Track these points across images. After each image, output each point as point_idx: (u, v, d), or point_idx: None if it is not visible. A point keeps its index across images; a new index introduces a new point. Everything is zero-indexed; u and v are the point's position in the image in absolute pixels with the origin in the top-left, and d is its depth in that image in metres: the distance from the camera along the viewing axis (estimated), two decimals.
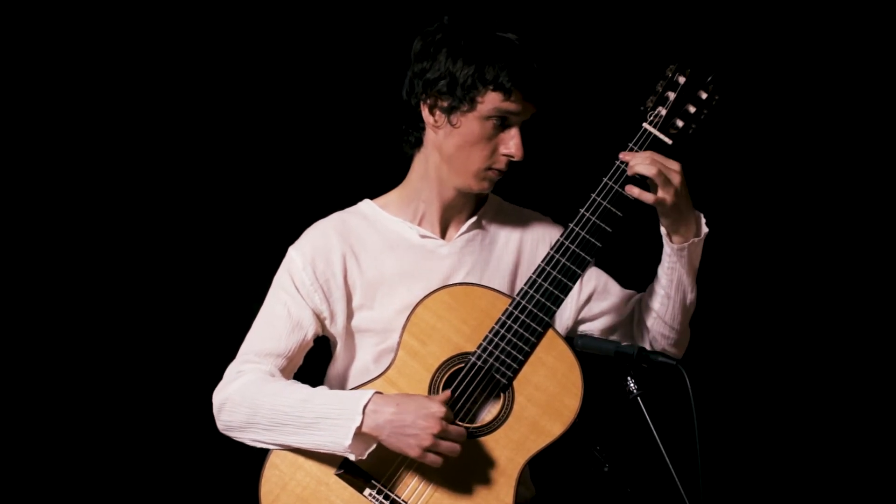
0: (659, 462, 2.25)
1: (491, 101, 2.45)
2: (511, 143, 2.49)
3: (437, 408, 2.34)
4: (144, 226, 3.55)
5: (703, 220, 2.51)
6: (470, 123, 2.48)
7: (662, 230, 2.50)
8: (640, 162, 2.41)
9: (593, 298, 2.67)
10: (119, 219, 3.54)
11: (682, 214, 2.46)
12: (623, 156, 2.45)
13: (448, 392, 2.42)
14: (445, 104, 2.48)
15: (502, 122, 2.48)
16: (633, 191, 2.42)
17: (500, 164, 2.51)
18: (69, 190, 3.51)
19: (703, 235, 2.50)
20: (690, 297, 2.56)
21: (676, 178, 2.42)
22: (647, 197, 2.43)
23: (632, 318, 2.66)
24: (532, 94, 2.47)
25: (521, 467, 2.42)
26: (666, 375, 2.41)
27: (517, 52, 2.47)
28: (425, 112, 2.52)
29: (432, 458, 2.35)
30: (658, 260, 2.56)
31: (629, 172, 2.43)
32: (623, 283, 2.72)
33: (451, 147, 2.51)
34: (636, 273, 2.71)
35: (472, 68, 2.45)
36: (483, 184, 2.54)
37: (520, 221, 2.69)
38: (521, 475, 2.43)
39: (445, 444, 2.35)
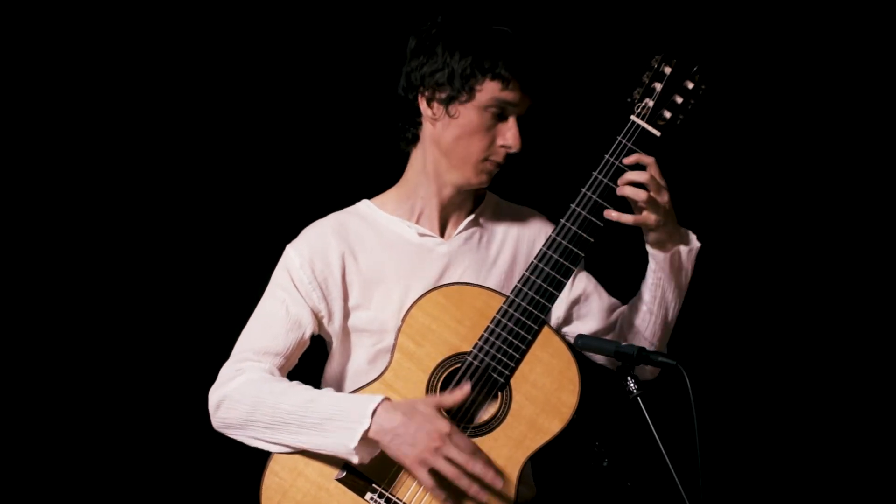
0: (659, 462, 2.27)
1: (489, 90, 2.46)
2: (508, 135, 2.50)
3: (442, 424, 2.32)
4: (142, 225, 3.52)
5: (694, 236, 2.53)
6: (468, 113, 2.48)
7: (648, 246, 2.52)
8: (636, 176, 2.41)
9: (581, 301, 2.69)
10: (116, 219, 3.50)
11: (668, 233, 2.48)
12: (628, 160, 2.44)
13: (466, 389, 2.37)
14: (444, 95, 2.48)
15: (500, 113, 2.49)
16: (611, 214, 2.43)
17: (498, 155, 2.52)
18: (64, 192, 3.47)
19: (691, 246, 2.52)
20: (672, 314, 2.58)
21: (664, 197, 2.43)
22: (627, 218, 2.43)
23: (614, 327, 2.69)
24: (529, 84, 2.48)
25: (521, 466, 2.43)
26: (666, 375, 2.44)
27: (514, 42, 2.48)
28: (423, 105, 2.52)
29: (424, 476, 2.32)
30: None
31: (620, 182, 2.42)
32: (613, 288, 2.73)
33: (450, 138, 2.50)
34: (626, 279, 2.71)
35: (469, 59, 2.46)
36: (481, 176, 2.54)
37: (517, 219, 2.69)
38: (522, 474, 2.44)
39: (443, 464, 2.31)
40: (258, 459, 2.48)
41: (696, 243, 2.53)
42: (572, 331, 2.67)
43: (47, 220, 3.46)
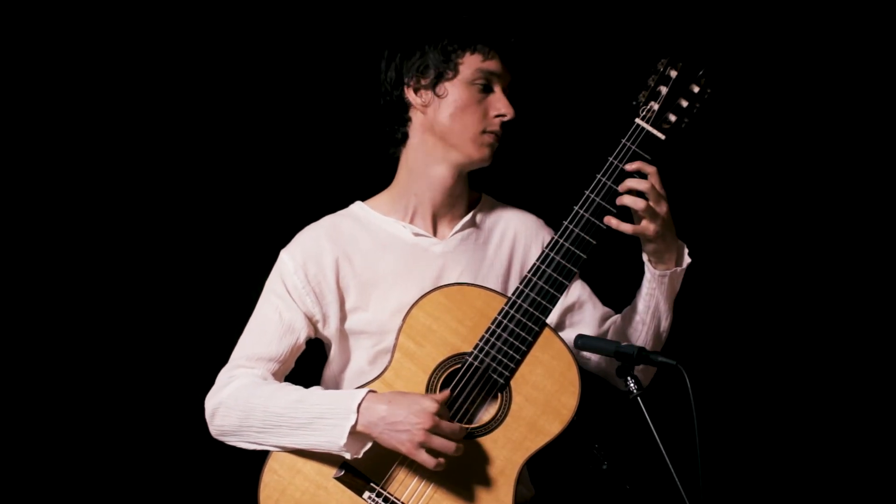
0: (659, 462, 2.25)
1: (471, 63, 2.53)
2: (499, 104, 2.55)
3: (428, 403, 2.34)
4: (135, 231, 3.52)
5: (686, 251, 2.52)
6: (456, 90, 2.53)
7: (645, 256, 2.52)
8: (637, 184, 2.41)
9: (574, 309, 2.68)
10: (110, 223, 3.50)
11: (666, 244, 2.47)
12: (630, 167, 2.43)
13: (447, 392, 2.41)
14: (429, 79, 2.54)
15: (486, 85, 2.54)
16: (611, 221, 2.42)
17: (495, 125, 2.55)
18: (59, 197, 3.48)
19: (685, 265, 2.51)
20: (665, 324, 2.58)
21: (664, 208, 2.42)
22: (626, 227, 2.42)
23: (605, 336, 2.67)
24: (507, 55, 2.55)
25: (520, 467, 2.42)
26: (666, 375, 2.42)
27: (486, 17, 2.56)
28: (411, 95, 2.56)
29: (425, 458, 2.33)
30: (639, 280, 2.56)
31: (621, 189, 2.42)
32: (606, 296, 2.73)
33: (444, 118, 2.54)
34: (620, 287, 2.70)
35: (445, 40, 2.53)
36: (483, 150, 2.56)
37: (513, 221, 2.69)
38: (521, 475, 2.43)
39: (438, 441, 2.33)
40: (257, 457, 2.48)
41: (686, 260, 2.52)
42: (564, 338, 2.65)
43: (42, 228, 3.46)
